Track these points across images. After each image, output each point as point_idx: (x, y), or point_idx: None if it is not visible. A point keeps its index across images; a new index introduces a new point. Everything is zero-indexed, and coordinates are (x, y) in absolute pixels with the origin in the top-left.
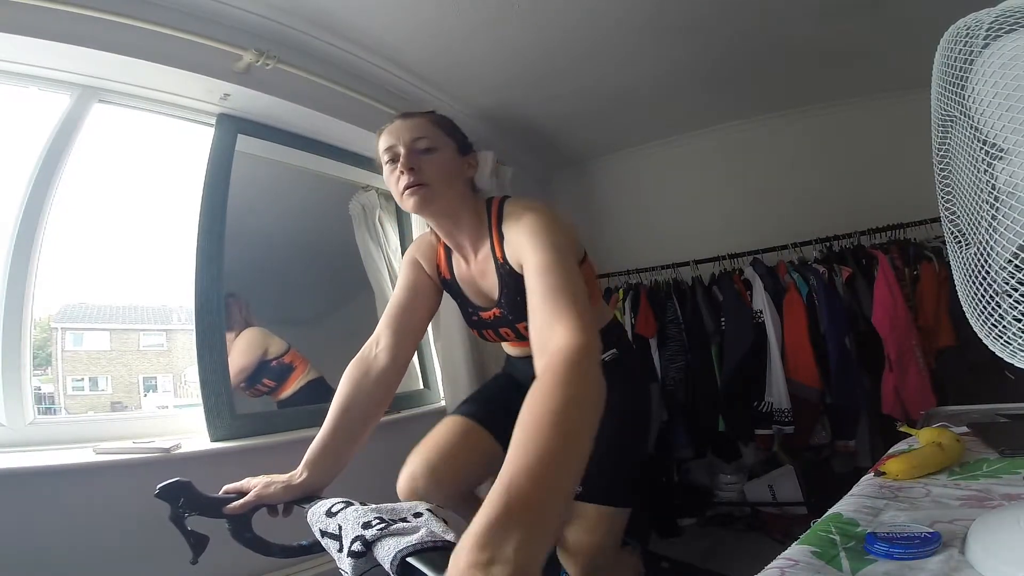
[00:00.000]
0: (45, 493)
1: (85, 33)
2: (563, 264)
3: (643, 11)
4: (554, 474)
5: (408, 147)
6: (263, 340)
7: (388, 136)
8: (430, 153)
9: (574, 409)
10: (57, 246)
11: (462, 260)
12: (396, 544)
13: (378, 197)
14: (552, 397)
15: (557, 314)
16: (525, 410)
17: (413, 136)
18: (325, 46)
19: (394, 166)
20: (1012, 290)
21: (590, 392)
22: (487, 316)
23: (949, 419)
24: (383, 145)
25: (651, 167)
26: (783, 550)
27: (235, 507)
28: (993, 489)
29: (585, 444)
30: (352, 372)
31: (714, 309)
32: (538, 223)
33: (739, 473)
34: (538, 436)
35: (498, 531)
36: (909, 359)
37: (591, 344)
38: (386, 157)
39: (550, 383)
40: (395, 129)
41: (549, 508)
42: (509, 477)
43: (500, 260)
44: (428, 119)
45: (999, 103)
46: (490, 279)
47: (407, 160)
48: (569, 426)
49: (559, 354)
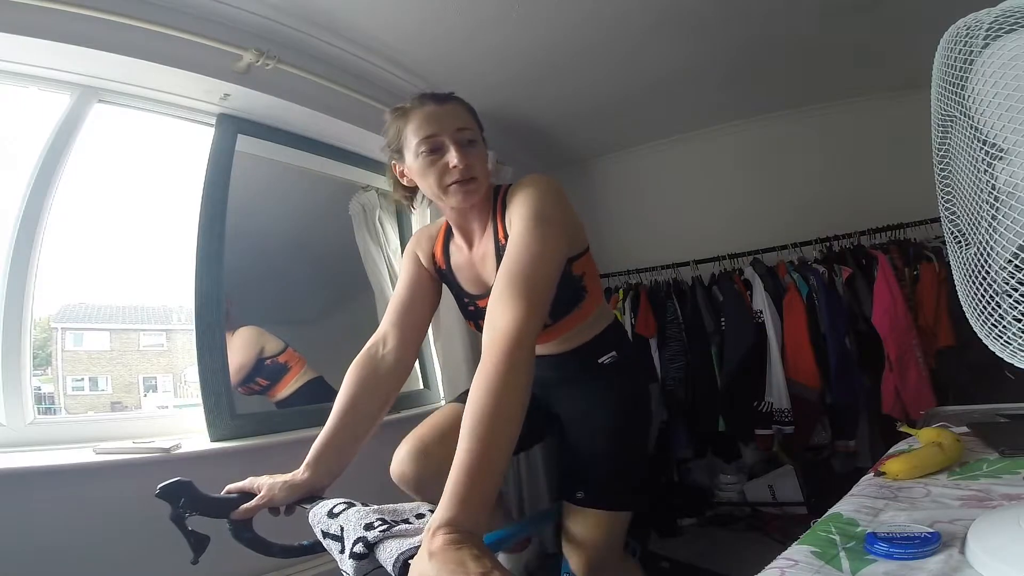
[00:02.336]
0: (45, 493)
1: (85, 33)
2: (540, 240)
3: (643, 11)
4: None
5: (455, 139)
6: (259, 339)
7: (426, 123)
8: (473, 146)
9: (507, 396)
10: (57, 246)
11: (464, 247)
12: (399, 546)
13: (378, 197)
14: (491, 392)
15: (512, 293)
16: (470, 399)
17: (457, 126)
18: (325, 46)
19: (436, 158)
20: (1012, 290)
21: (519, 377)
22: (483, 304)
23: (949, 419)
24: (421, 132)
25: (651, 167)
26: (783, 550)
27: (241, 512)
28: (993, 489)
29: (515, 428)
30: (358, 371)
31: (714, 309)
32: (533, 192)
33: (739, 473)
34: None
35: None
36: (909, 359)
37: (531, 333)
38: (425, 147)
39: (491, 370)
40: (434, 116)
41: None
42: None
43: (502, 241)
44: (464, 107)
45: (999, 103)
46: (489, 264)
47: (462, 156)
48: (500, 419)
49: (502, 338)
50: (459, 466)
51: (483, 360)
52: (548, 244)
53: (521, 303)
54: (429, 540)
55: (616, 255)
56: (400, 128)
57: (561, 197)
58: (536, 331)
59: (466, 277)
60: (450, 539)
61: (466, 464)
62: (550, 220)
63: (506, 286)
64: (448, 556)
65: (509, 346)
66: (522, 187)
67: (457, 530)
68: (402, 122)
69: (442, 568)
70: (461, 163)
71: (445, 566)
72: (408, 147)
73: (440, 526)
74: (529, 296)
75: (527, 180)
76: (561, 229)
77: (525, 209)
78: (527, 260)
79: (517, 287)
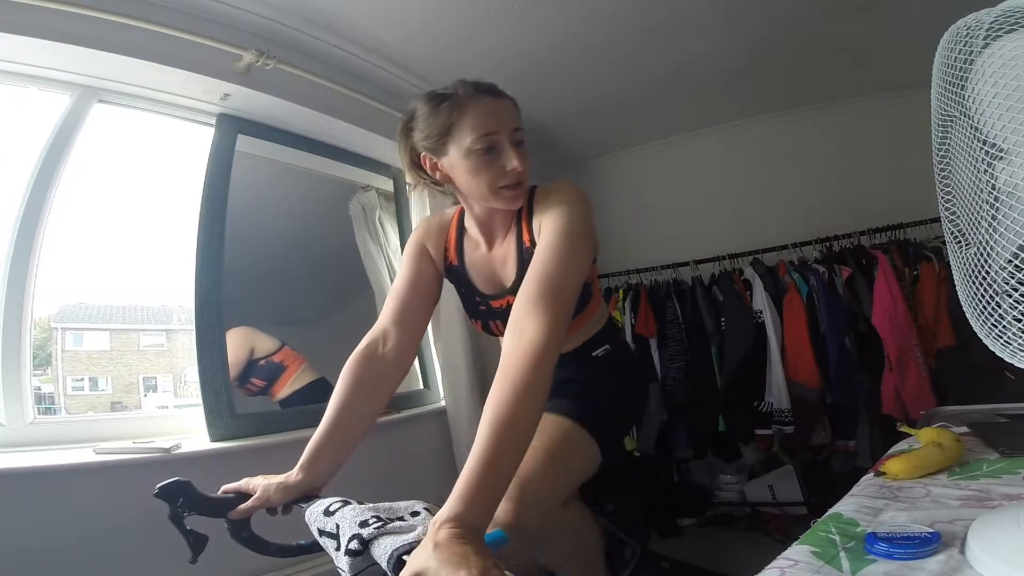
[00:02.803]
0: (45, 493)
1: (85, 33)
2: (574, 254)
3: (643, 11)
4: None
5: (512, 139)
6: (248, 340)
7: (485, 118)
8: (525, 146)
9: (527, 404)
10: (57, 246)
11: (484, 245)
12: (393, 542)
13: (378, 197)
14: (513, 398)
15: (543, 303)
16: (491, 401)
17: (515, 126)
18: (325, 46)
19: (493, 159)
20: (1012, 290)
21: (541, 388)
22: (497, 305)
23: (949, 419)
24: (479, 128)
25: (651, 167)
26: (783, 550)
27: (238, 513)
28: (993, 489)
29: (530, 436)
30: (356, 370)
31: (714, 309)
32: (570, 206)
33: (739, 473)
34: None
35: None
36: (909, 359)
37: (557, 345)
38: (482, 144)
39: (516, 377)
40: (493, 111)
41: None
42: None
43: (527, 245)
44: (516, 105)
45: (999, 103)
46: (510, 263)
47: (521, 159)
48: (517, 425)
49: (530, 348)
50: (473, 464)
51: (508, 365)
52: (580, 258)
53: (550, 314)
54: (434, 532)
55: (616, 255)
56: (451, 119)
57: (592, 211)
58: (561, 342)
59: (481, 276)
60: (455, 534)
61: (480, 463)
62: (584, 235)
63: (537, 295)
64: (452, 549)
65: (536, 357)
66: (557, 196)
67: (462, 526)
68: (455, 113)
69: (445, 561)
70: (521, 167)
71: (449, 559)
72: (459, 141)
73: (447, 520)
74: (557, 307)
75: (563, 189)
76: (591, 244)
77: (562, 220)
78: (560, 272)
79: (548, 297)
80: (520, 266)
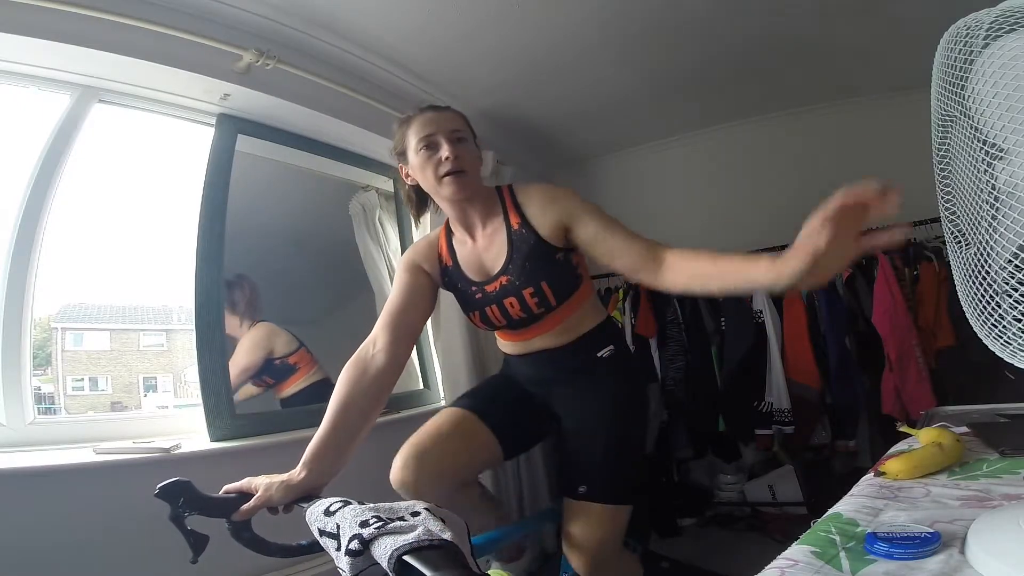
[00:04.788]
0: (45, 493)
1: (85, 33)
2: (608, 217)
3: (643, 11)
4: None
5: (448, 136)
6: (268, 340)
7: (425, 125)
8: (464, 143)
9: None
10: (57, 246)
11: (468, 239)
12: (393, 542)
13: (378, 197)
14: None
15: (649, 243)
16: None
17: (451, 127)
18: (325, 46)
19: (431, 153)
20: (1012, 290)
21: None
22: (491, 289)
23: (949, 419)
24: (420, 132)
25: (651, 167)
26: (783, 550)
27: (240, 512)
28: (993, 489)
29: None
30: (350, 372)
31: (714, 309)
32: (573, 196)
33: (739, 473)
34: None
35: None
36: (909, 359)
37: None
38: (422, 144)
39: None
40: (432, 119)
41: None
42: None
43: (515, 227)
44: (457, 114)
45: (999, 103)
46: (497, 247)
47: (452, 149)
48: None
49: (666, 247)
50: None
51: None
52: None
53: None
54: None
55: None
56: (404, 132)
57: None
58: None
59: (471, 267)
60: None
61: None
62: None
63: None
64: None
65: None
66: (549, 191)
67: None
68: (406, 127)
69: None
70: (451, 154)
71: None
72: (410, 147)
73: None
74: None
75: (545, 187)
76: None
77: (585, 205)
78: (619, 227)
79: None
80: (511, 245)
